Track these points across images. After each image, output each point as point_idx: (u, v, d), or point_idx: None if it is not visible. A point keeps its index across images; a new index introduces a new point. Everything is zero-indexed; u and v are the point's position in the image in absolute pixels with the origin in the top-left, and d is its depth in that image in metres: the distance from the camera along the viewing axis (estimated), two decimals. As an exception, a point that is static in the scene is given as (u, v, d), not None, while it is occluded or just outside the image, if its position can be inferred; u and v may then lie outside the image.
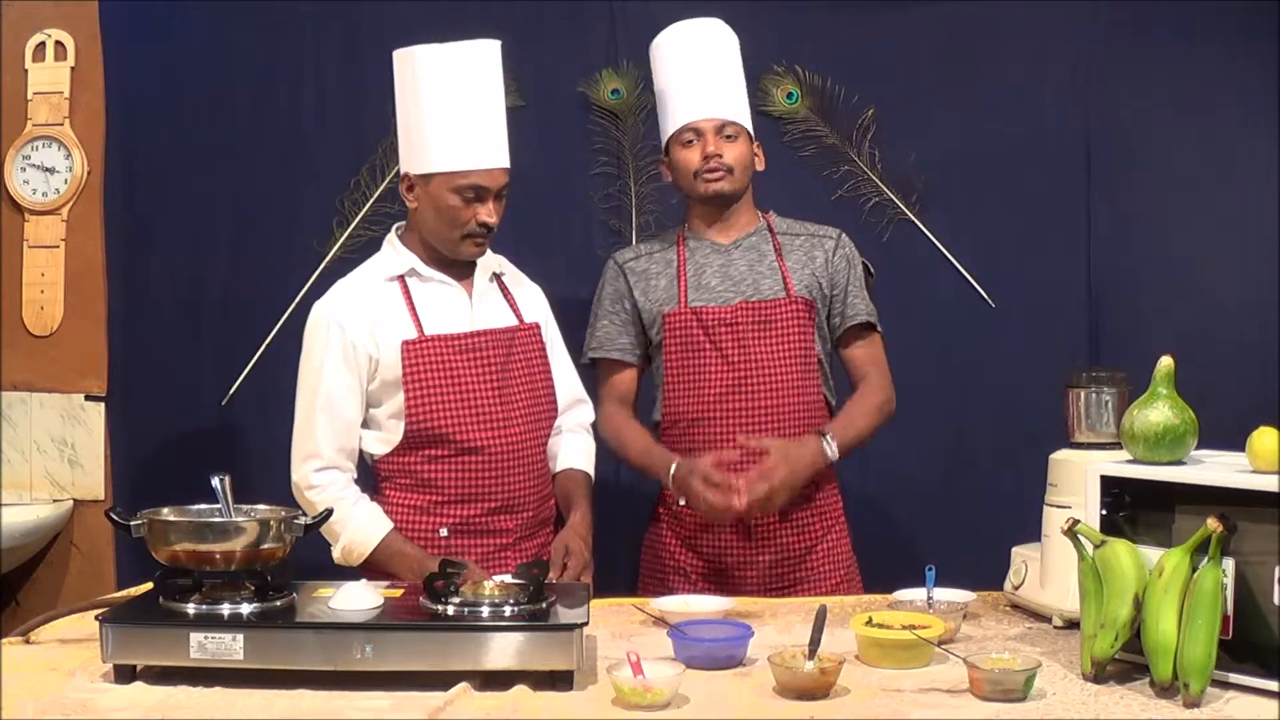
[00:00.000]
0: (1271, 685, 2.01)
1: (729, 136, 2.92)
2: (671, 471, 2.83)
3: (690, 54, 2.99)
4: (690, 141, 2.93)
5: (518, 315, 2.88)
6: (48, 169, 3.84)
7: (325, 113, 3.77)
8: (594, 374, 3.07)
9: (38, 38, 3.84)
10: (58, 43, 3.84)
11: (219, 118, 3.78)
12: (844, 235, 3.03)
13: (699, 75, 2.97)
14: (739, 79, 3.01)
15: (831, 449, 2.84)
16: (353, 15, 3.74)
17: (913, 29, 3.67)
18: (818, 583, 2.92)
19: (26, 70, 3.85)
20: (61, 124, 3.84)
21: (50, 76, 3.84)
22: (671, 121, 2.98)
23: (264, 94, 3.79)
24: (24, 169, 3.85)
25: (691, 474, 2.76)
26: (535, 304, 2.95)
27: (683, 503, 2.85)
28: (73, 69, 3.84)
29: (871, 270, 3.05)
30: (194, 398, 3.79)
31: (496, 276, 2.89)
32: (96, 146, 3.84)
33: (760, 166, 3.02)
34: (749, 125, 2.98)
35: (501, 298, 2.88)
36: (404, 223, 2.86)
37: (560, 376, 2.94)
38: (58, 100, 3.85)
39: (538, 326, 2.90)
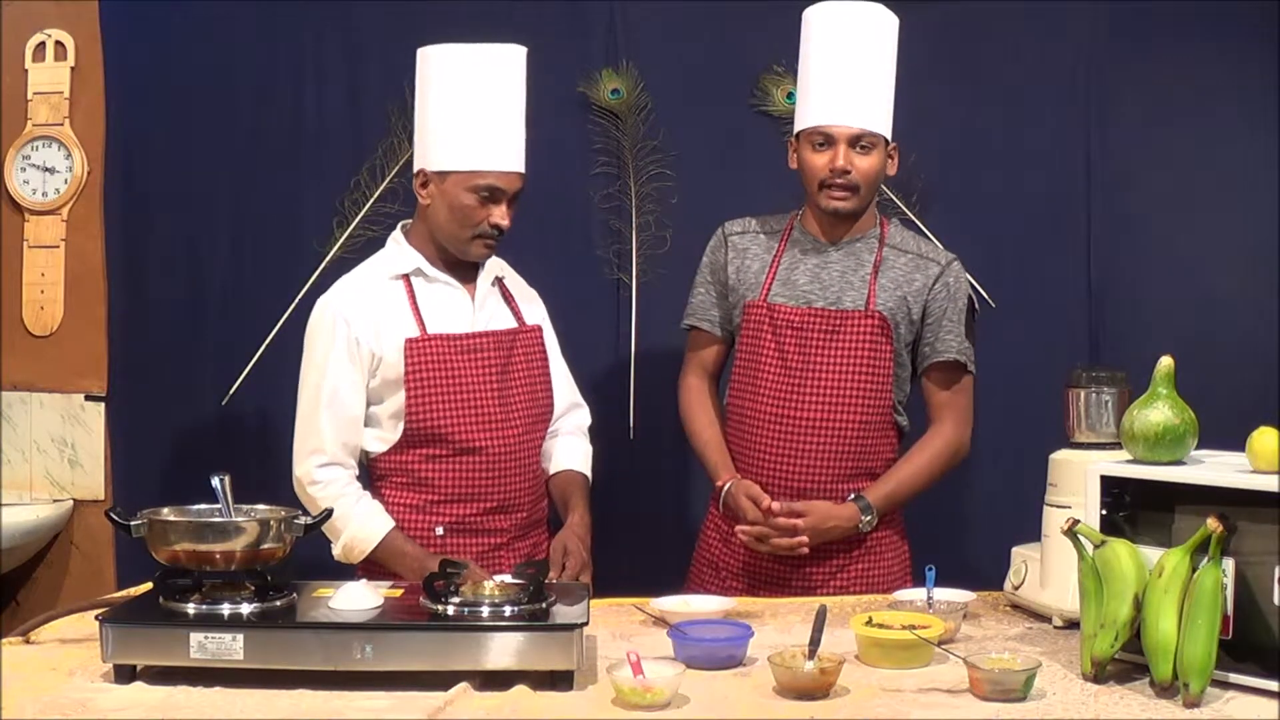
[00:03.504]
0: (1271, 685, 2.01)
1: (864, 148, 2.77)
2: (725, 490, 2.84)
3: (843, 43, 2.79)
4: (821, 145, 2.78)
5: (519, 318, 2.88)
6: (48, 169, 3.84)
7: (325, 113, 3.77)
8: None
9: (38, 38, 3.84)
10: (58, 43, 3.84)
11: (219, 118, 3.78)
12: (955, 264, 2.88)
13: (847, 72, 2.78)
14: (888, 79, 2.83)
15: (866, 522, 2.80)
16: (353, 15, 3.74)
17: (913, 29, 3.65)
18: (869, 586, 2.87)
19: (26, 70, 3.85)
20: (61, 124, 3.85)
21: (50, 76, 3.84)
22: (806, 116, 2.81)
23: (264, 94, 3.79)
24: (24, 169, 3.85)
25: (750, 504, 2.78)
26: (535, 309, 2.95)
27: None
28: (73, 69, 3.84)
29: (976, 306, 2.93)
30: (194, 398, 3.79)
31: (499, 280, 2.90)
32: (96, 146, 3.84)
33: (892, 172, 2.91)
34: (889, 132, 2.83)
35: (503, 301, 2.89)
36: (409, 221, 2.86)
37: (558, 380, 2.94)
38: (58, 100, 3.85)
39: (538, 329, 2.91)
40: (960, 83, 3.67)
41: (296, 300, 3.65)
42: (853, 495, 2.83)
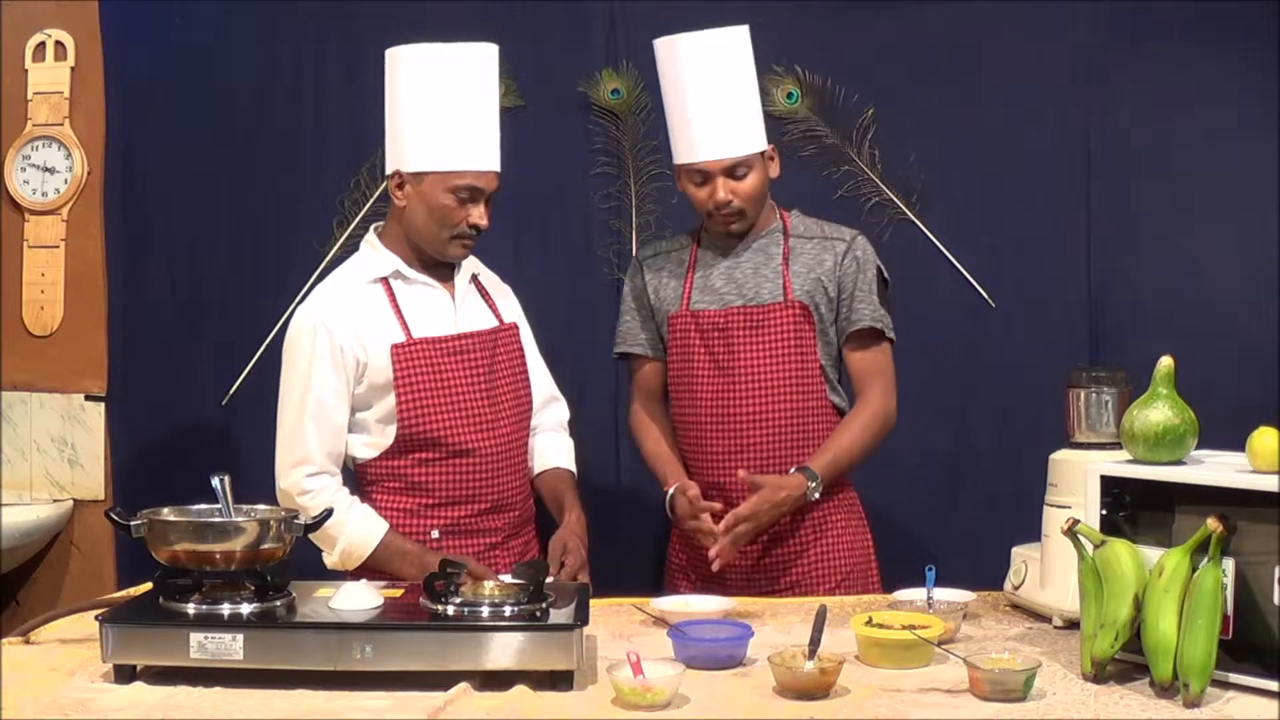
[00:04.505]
0: (1271, 685, 2.01)
1: (740, 176, 2.83)
2: (668, 495, 2.87)
3: (694, 76, 2.85)
4: (700, 182, 2.85)
5: (497, 316, 2.88)
6: (48, 169, 3.84)
7: (325, 113, 3.77)
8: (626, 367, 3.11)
9: (38, 38, 3.84)
10: (58, 43, 3.84)
11: (219, 118, 3.78)
12: (860, 239, 2.94)
13: (705, 106, 2.83)
14: (749, 95, 2.87)
15: (812, 489, 2.79)
16: (353, 15, 3.74)
17: (913, 29, 3.67)
18: (813, 584, 2.89)
19: (26, 70, 3.86)
20: (61, 124, 3.85)
21: (50, 76, 3.85)
22: (677, 152, 2.89)
23: (264, 94, 3.79)
24: (24, 169, 3.85)
25: (683, 499, 2.81)
26: (510, 304, 2.96)
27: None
28: (73, 69, 3.84)
29: (887, 277, 2.95)
30: (194, 398, 3.79)
31: (474, 277, 2.89)
32: (96, 146, 3.84)
33: (774, 173, 2.94)
34: (762, 145, 2.87)
35: (480, 299, 2.89)
36: (381, 223, 2.86)
37: (535, 375, 2.94)
38: (58, 100, 3.85)
39: (516, 327, 2.91)
40: (960, 83, 3.67)
41: (296, 300, 3.64)
42: (795, 468, 2.82)
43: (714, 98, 2.84)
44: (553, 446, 2.96)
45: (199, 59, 3.78)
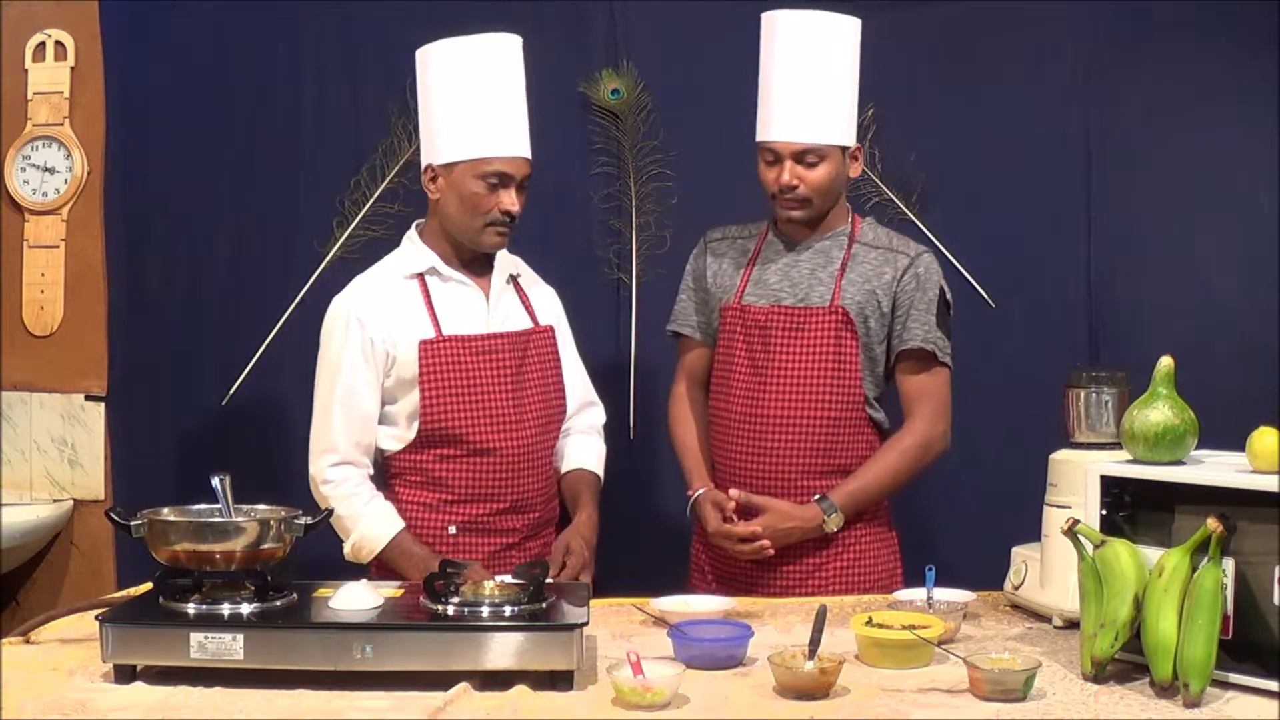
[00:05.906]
0: (1271, 685, 2.01)
1: (810, 164, 2.78)
2: (693, 498, 2.87)
3: (792, 55, 2.79)
4: (771, 161, 2.81)
5: (533, 318, 2.89)
6: (48, 169, 3.84)
7: (325, 113, 3.77)
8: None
9: (38, 38, 3.84)
10: (58, 43, 3.84)
11: (219, 118, 3.78)
12: (926, 256, 2.86)
13: (792, 86, 2.78)
14: (844, 87, 2.83)
15: (830, 523, 2.77)
16: (353, 15, 3.75)
17: (913, 29, 3.67)
18: (848, 587, 2.85)
19: (26, 70, 3.85)
20: (61, 124, 3.85)
21: (50, 76, 3.84)
22: (758, 127, 2.84)
23: (264, 94, 3.79)
24: (24, 169, 3.85)
25: (714, 511, 2.81)
26: (549, 306, 2.96)
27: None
28: (73, 69, 3.84)
29: (949, 298, 2.87)
30: (194, 398, 3.79)
31: (513, 278, 2.90)
32: (96, 146, 3.84)
33: (855, 174, 2.91)
34: (844, 140, 2.82)
35: (517, 299, 2.90)
36: (423, 220, 2.87)
37: (571, 378, 2.95)
38: (58, 100, 3.85)
39: (551, 329, 2.92)
40: (960, 83, 3.67)
41: (296, 300, 3.65)
42: (816, 496, 2.80)
43: (801, 80, 2.79)
44: (581, 448, 2.96)
45: (199, 59, 3.78)
